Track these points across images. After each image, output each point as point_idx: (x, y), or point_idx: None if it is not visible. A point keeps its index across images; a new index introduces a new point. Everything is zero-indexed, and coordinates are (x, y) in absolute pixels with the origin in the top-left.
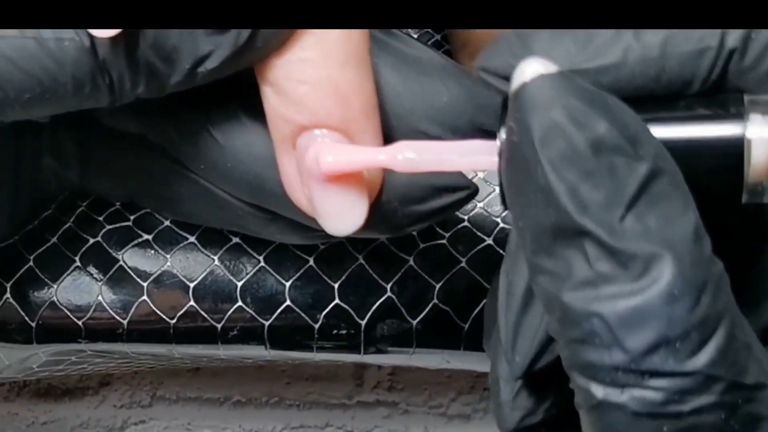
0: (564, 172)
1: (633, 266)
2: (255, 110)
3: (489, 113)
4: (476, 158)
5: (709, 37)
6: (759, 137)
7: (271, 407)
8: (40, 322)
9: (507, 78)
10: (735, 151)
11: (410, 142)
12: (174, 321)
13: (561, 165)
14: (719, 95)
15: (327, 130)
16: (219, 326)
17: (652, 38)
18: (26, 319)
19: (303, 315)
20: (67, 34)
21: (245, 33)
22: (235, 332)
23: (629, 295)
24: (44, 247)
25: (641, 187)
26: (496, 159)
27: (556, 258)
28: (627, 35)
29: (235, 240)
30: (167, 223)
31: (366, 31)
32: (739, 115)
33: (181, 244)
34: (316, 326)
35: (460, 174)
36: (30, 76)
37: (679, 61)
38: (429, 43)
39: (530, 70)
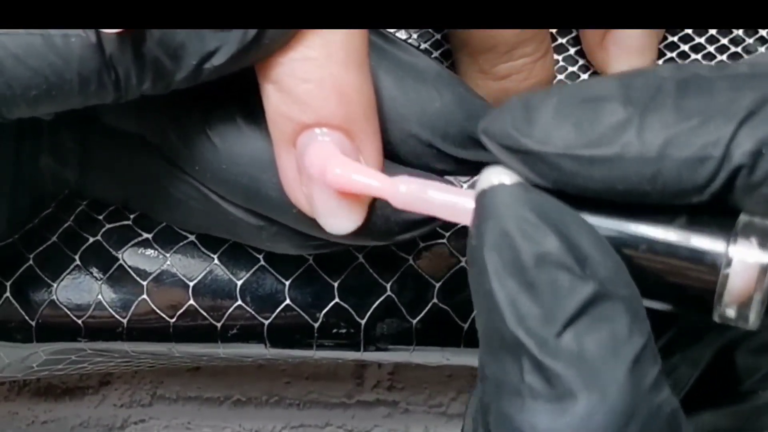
0: (505, 281)
1: (558, 385)
2: (252, 112)
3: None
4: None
5: (712, 146)
6: (740, 261)
7: (271, 406)
8: (40, 320)
9: (505, 146)
10: (713, 270)
11: (416, 179)
12: (174, 320)
13: (504, 273)
14: (719, 215)
15: (328, 129)
16: (219, 325)
17: (654, 138)
18: (26, 317)
19: (303, 314)
20: (74, 30)
21: (252, 30)
22: (234, 331)
23: (550, 413)
24: (44, 246)
25: (583, 306)
26: None
27: (499, 363)
28: (631, 129)
29: (235, 239)
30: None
31: (366, 34)
32: (727, 234)
33: (181, 243)
34: (316, 325)
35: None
36: (36, 73)
37: (677, 165)
38: (429, 42)
39: (493, 178)
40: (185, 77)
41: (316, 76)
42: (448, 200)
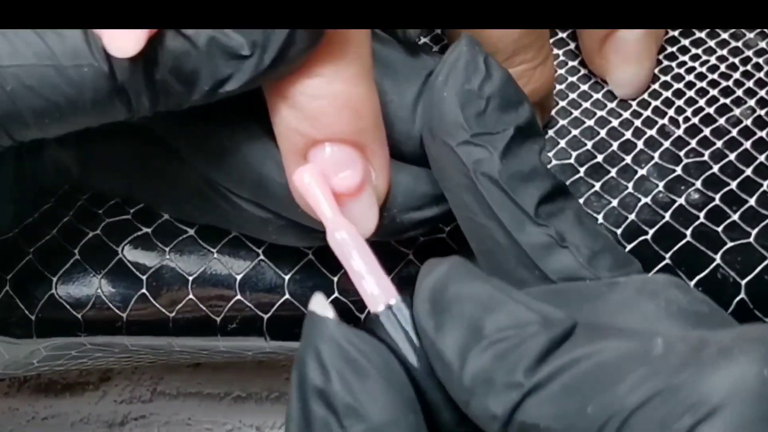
0: (292, 400)
1: None
2: (261, 111)
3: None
4: (373, 294)
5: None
6: None
7: (271, 402)
8: (40, 315)
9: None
10: None
11: (356, 238)
12: (173, 314)
13: (295, 391)
14: None
15: (339, 143)
16: (218, 319)
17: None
18: (26, 312)
19: (302, 308)
20: (86, 59)
21: (268, 58)
22: (234, 325)
23: None
24: (44, 241)
25: None
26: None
27: None
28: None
29: (234, 233)
30: (166, 216)
31: (371, 44)
32: None
33: (180, 238)
34: None
35: None
36: (50, 102)
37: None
38: (429, 37)
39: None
40: (197, 100)
41: (328, 93)
42: (357, 274)
